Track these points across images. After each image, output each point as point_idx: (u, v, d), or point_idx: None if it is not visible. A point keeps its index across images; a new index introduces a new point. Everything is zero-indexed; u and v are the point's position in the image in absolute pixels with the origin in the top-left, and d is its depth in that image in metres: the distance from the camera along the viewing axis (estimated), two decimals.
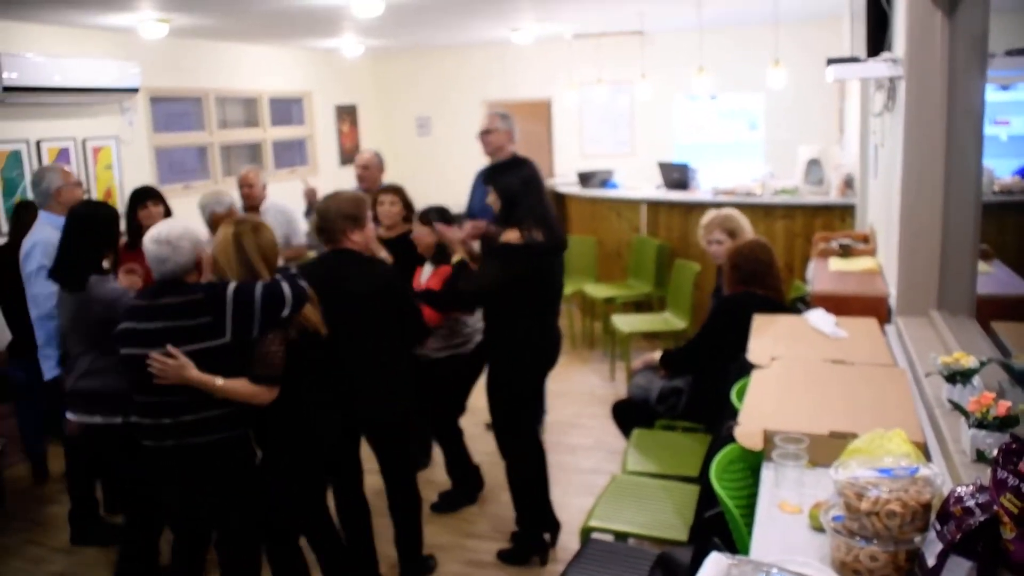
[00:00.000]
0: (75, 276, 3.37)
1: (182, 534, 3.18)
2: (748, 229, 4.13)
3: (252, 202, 5.30)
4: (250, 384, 2.81)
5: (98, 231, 3.47)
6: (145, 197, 4.45)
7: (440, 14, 6.69)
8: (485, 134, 4.53)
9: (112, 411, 3.39)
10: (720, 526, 2.38)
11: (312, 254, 4.95)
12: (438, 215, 4.03)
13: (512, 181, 3.63)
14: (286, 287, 2.86)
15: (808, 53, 7.94)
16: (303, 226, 5.37)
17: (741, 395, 2.79)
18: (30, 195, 5.71)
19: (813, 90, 8.11)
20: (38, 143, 5.98)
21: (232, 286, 2.82)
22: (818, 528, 1.92)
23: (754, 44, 8.13)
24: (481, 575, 3.72)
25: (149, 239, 2.85)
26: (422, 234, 4.05)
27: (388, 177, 5.58)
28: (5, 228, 5.64)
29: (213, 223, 4.45)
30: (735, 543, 2.23)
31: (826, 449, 2.21)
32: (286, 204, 5.53)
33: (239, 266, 2.91)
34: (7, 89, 5.44)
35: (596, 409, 5.49)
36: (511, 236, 3.52)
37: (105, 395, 3.38)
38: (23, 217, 4.66)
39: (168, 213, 4.38)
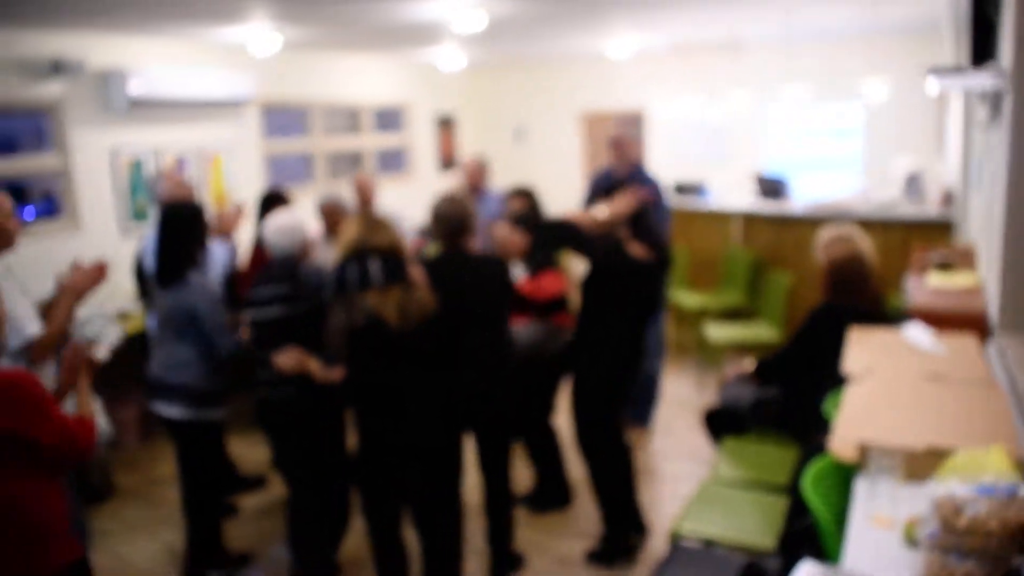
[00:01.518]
0: (172, 272, 3.58)
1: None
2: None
3: (365, 204, 5.61)
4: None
5: (187, 228, 3.66)
6: (275, 200, 4.83)
7: (540, 27, 6.81)
8: (619, 144, 4.72)
9: (190, 404, 3.59)
10: (810, 537, 2.40)
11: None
12: (528, 219, 4.07)
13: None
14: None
15: (907, 63, 7.78)
16: (407, 228, 5.64)
17: (835, 407, 2.79)
18: (151, 201, 6.15)
19: (912, 101, 7.92)
20: (159, 151, 6.34)
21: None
22: (912, 543, 1.91)
23: (850, 55, 7.99)
24: (568, 574, 3.79)
25: (269, 228, 3.42)
26: (513, 238, 4.07)
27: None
28: (132, 228, 6.04)
29: (325, 213, 4.87)
30: (825, 555, 2.25)
31: (922, 464, 2.20)
32: (393, 207, 5.79)
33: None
34: (132, 101, 5.82)
35: (686, 417, 5.51)
36: (637, 250, 3.62)
37: (187, 388, 3.58)
38: None
39: None
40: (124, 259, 5.51)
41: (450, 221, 3.45)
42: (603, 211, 3.68)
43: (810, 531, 2.37)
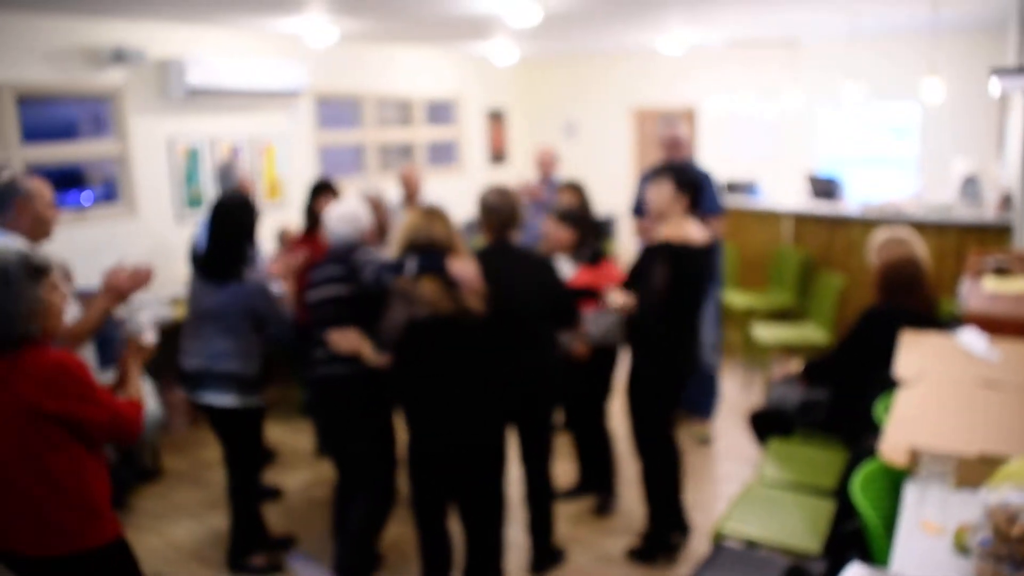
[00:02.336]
0: (225, 270, 3.58)
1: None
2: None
3: (411, 196, 5.67)
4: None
5: (238, 222, 3.65)
6: (324, 188, 4.92)
7: (594, 22, 6.80)
8: (674, 143, 4.86)
9: (240, 391, 3.61)
10: (857, 541, 2.38)
11: None
12: (575, 214, 4.09)
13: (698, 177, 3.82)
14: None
15: (968, 63, 7.60)
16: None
17: (885, 410, 2.76)
18: (206, 189, 6.27)
19: (971, 102, 7.74)
20: (215, 140, 6.45)
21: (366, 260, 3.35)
22: (962, 550, 1.90)
23: (909, 53, 7.83)
24: (609, 571, 3.79)
25: (331, 216, 3.52)
26: (560, 233, 4.09)
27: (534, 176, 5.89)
28: (187, 215, 6.18)
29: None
30: (872, 559, 2.22)
31: (975, 471, 2.17)
32: (440, 199, 5.80)
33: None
34: (190, 90, 5.92)
35: (731, 417, 5.46)
36: (697, 234, 3.61)
37: (236, 376, 3.60)
38: None
39: None
40: (178, 245, 5.64)
41: (500, 213, 3.44)
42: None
43: (857, 535, 2.34)
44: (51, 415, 2.19)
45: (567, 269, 4.04)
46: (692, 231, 3.62)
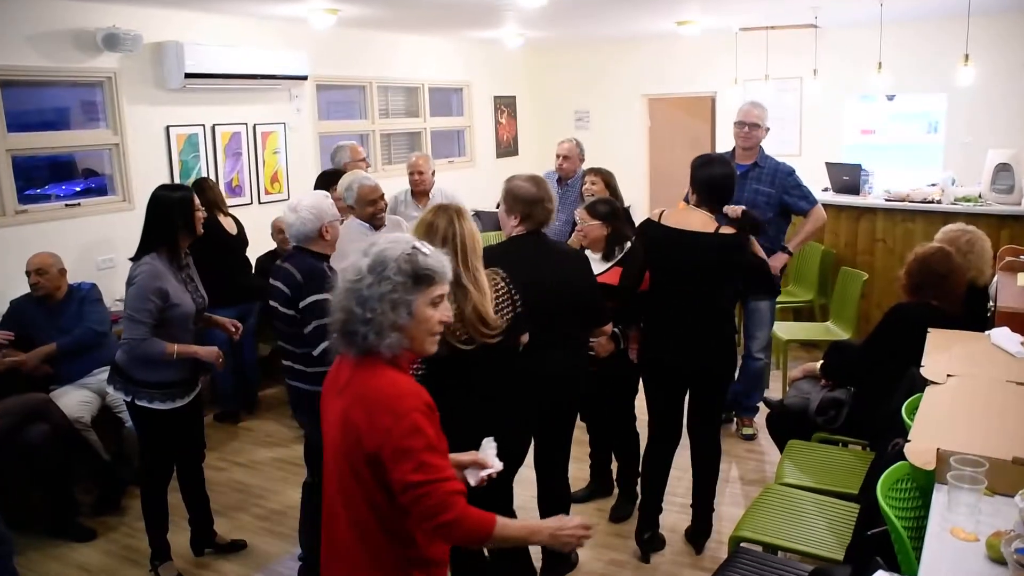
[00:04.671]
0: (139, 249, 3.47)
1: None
2: (979, 252, 3.87)
3: (422, 188, 5.49)
4: None
5: (169, 211, 3.45)
6: (330, 179, 4.84)
7: (604, 5, 6.65)
8: (755, 127, 4.72)
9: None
10: (881, 547, 2.26)
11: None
12: (608, 208, 3.83)
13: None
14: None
15: (1001, 49, 7.40)
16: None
17: (912, 411, 2.65)
18: (204, 176, 6.15)
19: (1004, 89, 7.53)
20: (213, 127, 6.36)
21: (315, 298, 3.05)
22: (996, 559, 1.83)
23: (939, 39, 7.63)
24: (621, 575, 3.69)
25: (286, 205, 3.35)
26: (592, 228, 3.81)
27: (546, 168, 5.71)
28: None
29: (360, 198, 4.25)
30: (899, 566, 2.11)
31: (1008, 476, 2.08)
32: (453, 189, 5.70)
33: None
34: (188, 75, 5.81)
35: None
36: (700, 223, 3.50)
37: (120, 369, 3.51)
38: None
39: None
40: None
41: (531, 202, 3.17)
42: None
43: (881, 540, 2.22)
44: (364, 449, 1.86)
45: (597, 266, 3.77)
46: (694, 219, 3.49)
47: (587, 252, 3.74)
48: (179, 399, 3.51)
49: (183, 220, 3.43)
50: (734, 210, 3.60)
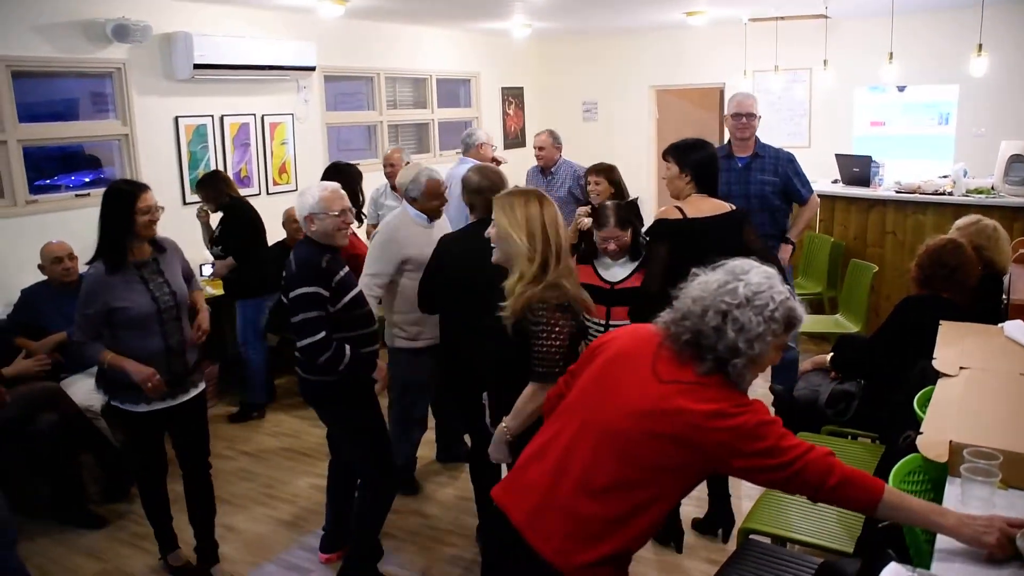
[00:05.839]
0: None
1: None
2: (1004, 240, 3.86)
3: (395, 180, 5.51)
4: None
5: (118, 210, 3.27)
6: (339, 171, 4.94)
7: None
8: (751, 117, 4.72)
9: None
10: (892, 540, 2.25)
11: None
12: (627, 212, 3.65)
13: None
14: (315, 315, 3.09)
15: (1015, 38, 7.35)
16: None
17: (924, 404, 2.62)
18: (214, 168, 6.14)
19: (1018, 80, 7.48)
20: (221, 118, 6.35)
21: (303, 290, 3.09)
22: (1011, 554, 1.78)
23: (952, 29, 7.58)
24: (635, 569, 3.67)
25: (296, 194, 3.33)
26: (621, 237, 3.60)
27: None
28: (190, 198, 6.06)
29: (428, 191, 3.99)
30: (910, 559, 2.09)
31: (1022, 469, 2.04)
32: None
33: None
34: (197, 66, 5.80)
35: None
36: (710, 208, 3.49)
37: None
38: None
39: (350, 189, 4.60)
40: (184, 228, 5.47)
41: (475, 191, 3.46)
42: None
43: (893, 534, 2.21)
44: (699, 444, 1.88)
45: (620, 272, 3.65)
46: (708, 206, 3.49)
47: (605, 258, 3.65)
48: (156, 401, 3.34)
49: (120, 218, 3.22)
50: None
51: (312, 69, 6.83)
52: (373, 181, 6.20)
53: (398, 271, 3.85)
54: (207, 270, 5.75)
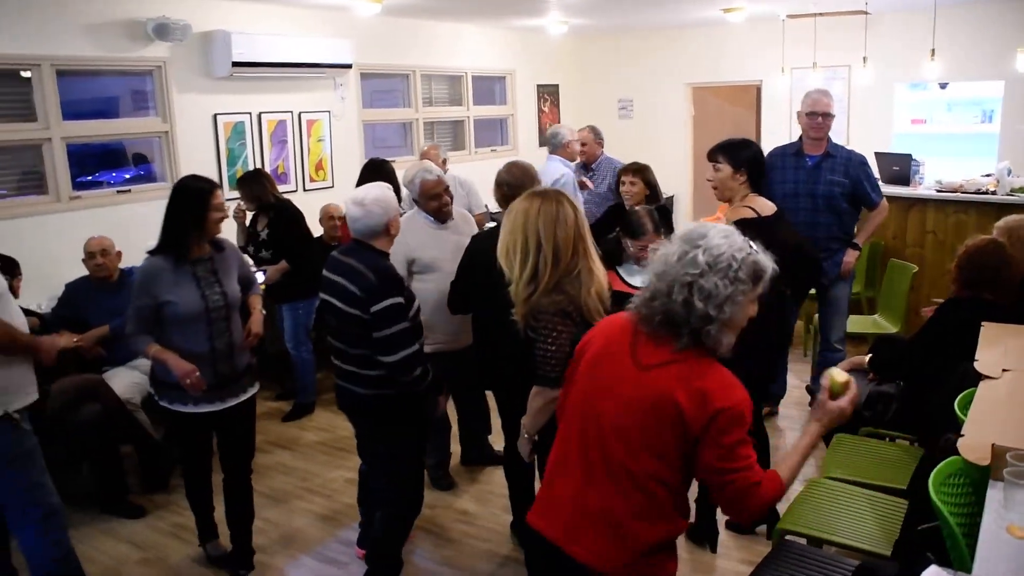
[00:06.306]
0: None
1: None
2: None
3: None
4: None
5: (190, 204, 3.29)
6: (377, 168, 4.95)
7: None
8: (827, 117, 4.62)
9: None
10: (931, 543, 2.22)
11: (490, 225, 5.11)
12: (660, 217, 3.62)
13: None
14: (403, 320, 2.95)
15: None
16: (483, 197, 5.57)
17: (965, 406, 2.59)
18: (251, 165, 6.22)
19: None
20: (259, 115, 6.42)
21: (391, 301, 2.92)
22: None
23: (998, 24, 7.43)
24: None
25: (348, 198, 3.08)
26: (655, 241, 3.39)
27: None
28: (228, 194, 6.08)
29: (423, 192, 4.10)
30: (951, 563, 2.07)
31: None
32: (466, 175, 5.73)
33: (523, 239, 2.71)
34: (235, 64, 5.87)
35: (792, 409, 5.25)
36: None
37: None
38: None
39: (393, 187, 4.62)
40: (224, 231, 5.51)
41: (510, 187, 3.41)
42: None
43: (932, 536, 2.18)
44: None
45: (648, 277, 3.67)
46: (764, 205, 3.47)
47: (630, 264, 3.62)
48: (203, 404, 3.32)
49: (192, 215, 3.23)
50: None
51: (349, 66, 6.87)
52: None
53: (407, 273, 3.84)
54: (260, 277, 5.38)
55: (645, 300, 1.95)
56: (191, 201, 3.24)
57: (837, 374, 2.09)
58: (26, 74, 5.06)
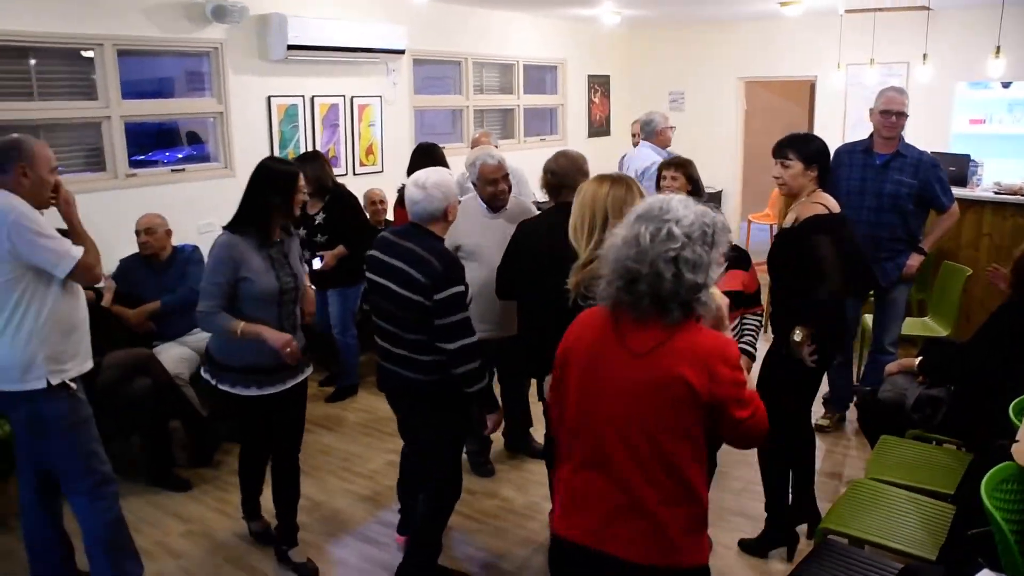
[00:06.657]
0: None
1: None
2: None
3: None
4: None
5: (270, 185, 3.29)
6: (427, 152, 5.00)
7: None
8: (901, 116, 4.56)
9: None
10: (982, 547, 2.18)
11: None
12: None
13: None
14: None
15: None
16: (532, 186, 5.53)
17: (1020, 412, 2.53)
18: (303, 148, 6.27)
19: None
20: (312, 99, 6.47)
21: (455, 289, 2.91)
22: None
23: None
24: (715, 562, 3.62)
25: (409, 181, 3.09)
26: None
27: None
28: None
29: (482, 175, 4.01)
30: (1002, 568, 2.03)
31: None
32: (517, 164, 5.70)
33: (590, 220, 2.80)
34: (290, 47, 5.91)
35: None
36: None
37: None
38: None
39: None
40: None
41: (557, 175, 3.46)
42: None
43: (982, 541, 2.14)
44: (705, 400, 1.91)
45: None
46: (831, 202, 3.40)
47: None
48: (267, 387, 3.32)
49: (281, 198, 3.26)
50: None
51: (402, 52, 6.89)
52: (457, 166, 6.25)
53: None
54: (316, 263, 5.28)
55: (623, 287, 1.94)
56: (280, 184, 3.26)
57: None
58: (88, 54, 5.16)
